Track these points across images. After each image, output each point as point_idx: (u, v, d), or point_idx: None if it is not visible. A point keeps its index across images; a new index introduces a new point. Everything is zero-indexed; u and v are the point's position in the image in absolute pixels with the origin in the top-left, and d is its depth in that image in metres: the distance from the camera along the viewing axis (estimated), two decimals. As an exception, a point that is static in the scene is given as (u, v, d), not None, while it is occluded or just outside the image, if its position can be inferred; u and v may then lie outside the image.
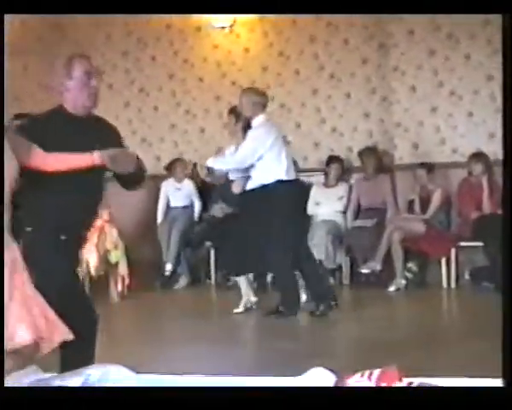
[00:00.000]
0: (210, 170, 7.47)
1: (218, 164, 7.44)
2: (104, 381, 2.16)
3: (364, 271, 8.85)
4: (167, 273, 9.42)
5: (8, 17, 3.49)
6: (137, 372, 2.21)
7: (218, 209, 9.07)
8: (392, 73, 9.60)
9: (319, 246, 8.92)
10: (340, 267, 9.17)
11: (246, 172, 7.36)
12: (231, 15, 9.93)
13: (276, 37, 10.07)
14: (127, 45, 10.53)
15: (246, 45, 10.19)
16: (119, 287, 8.50)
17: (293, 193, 7.36)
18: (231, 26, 10.13)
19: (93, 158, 3.91)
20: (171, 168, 9.98)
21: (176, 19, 10.18)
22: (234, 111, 7.80)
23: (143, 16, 9.92)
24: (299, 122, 10.01)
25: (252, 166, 7.25)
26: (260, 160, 7.21)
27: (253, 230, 7.20)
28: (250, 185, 7.33)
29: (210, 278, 9.51)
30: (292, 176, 7.34)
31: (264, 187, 7.21)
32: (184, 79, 10.38)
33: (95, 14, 3.83)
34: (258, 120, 7.37)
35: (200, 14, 9.94)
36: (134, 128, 10.54)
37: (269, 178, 7.20)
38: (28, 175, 3.68)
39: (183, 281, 9.50)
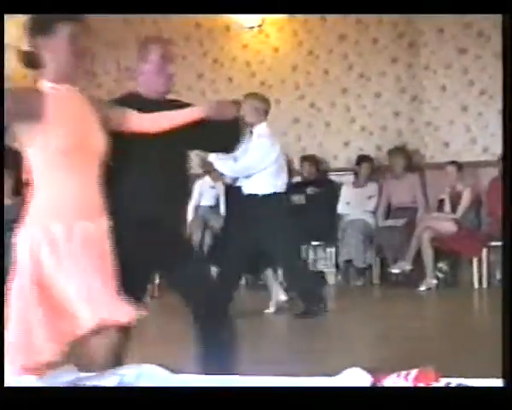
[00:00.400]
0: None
1: (219, 165, 7.36)
2: (140, 381, 2.17)
3: (395, 271, 8.82)
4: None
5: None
6: (173, 372, 2.22)
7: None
8: (423, 72, 9.56)
9: (349, 245, 8.92)
10: (370, 267, 9.15)
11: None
12: (260, 15, 9.94)
13: (306, 36, 10.06)
14: (157, 45, 10.54)
15: (275, 45, 10.19)
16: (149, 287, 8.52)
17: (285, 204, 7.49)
18: (260, 26, 10.13)
19: (197, 112, 3.78)
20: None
21: (205, 19, 10.20)
22: None
23: (173, 16, 9.95)
24: (329, 121, 10.00)
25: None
26: (262, 170, 7.15)
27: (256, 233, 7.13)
28: (248, 190, 7.22)
29: (240, 278, 9.49)
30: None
31: (262, 196, 7.15)
32: (214, 79, 10.40)
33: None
34: (261, 129, 7.26)
35: (229, 14, 9.97)
36: (164, 128, 10.55)
37: (267, 190, 7.13)
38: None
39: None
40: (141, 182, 3.76)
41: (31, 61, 3.31)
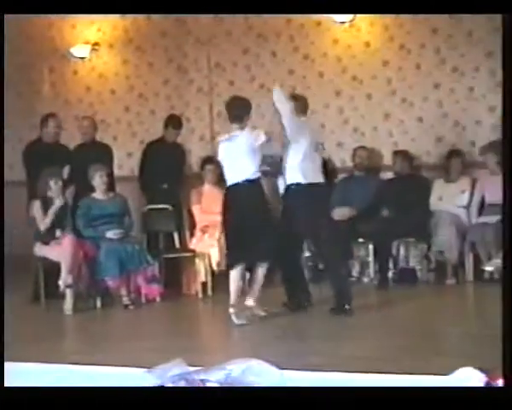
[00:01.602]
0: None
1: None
2: (246, 376, 2.19)
3: (488, 268, 8.67)
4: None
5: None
6: (280, 368, 2.23)
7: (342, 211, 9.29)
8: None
9: (442, 240, 8.82)
10: (462, 264, 9.01)
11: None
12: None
13: (397, 30, 9.96)
14: (247, 41, 10.61)
15: (366, 39, 10.12)
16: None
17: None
18: (351, 21, 10.07)
19: None
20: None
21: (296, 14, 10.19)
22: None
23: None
24: (421, 117, 9.89)
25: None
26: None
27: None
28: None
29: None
30: None
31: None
32: (304, 75, 10.39)
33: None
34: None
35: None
36: (254, 124, 10.58)
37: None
38: None
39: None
40: None
41: None
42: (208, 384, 2.23)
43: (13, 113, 11.67)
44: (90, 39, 11.19)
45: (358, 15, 9.98)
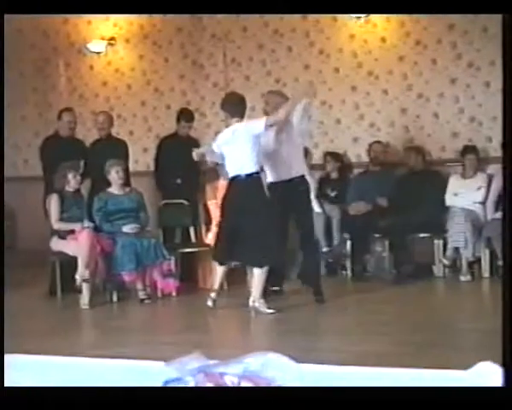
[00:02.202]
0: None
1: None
2: (265, 369, 2.20)
3: (504, 264, 8.64)
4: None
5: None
6: (299, 362, 2.25)
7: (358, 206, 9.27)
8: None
9: (458, 235, 8.81)
10: (479, 260, 8.99)
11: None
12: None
13: (413, 26, 9.94)
14: (263, 37, 10.62)
15: (382, 35, 10.10)
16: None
17: None
18: (367, 16, 10.06)
19: None
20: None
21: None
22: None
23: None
24: (437, 112, 9.87)
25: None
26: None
27: None
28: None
29: (346, 270, 9.47)
30: None
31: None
32: (320, 70, 10.39)
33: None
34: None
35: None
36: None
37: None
38: None
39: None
40: None
41: None
42: (226, 378, 2.24)
43: (29, 108, 11.75)
44: (105, 34, 11.22)
45: (374, 10, 9.97)
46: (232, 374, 2.23)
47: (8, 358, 4.33)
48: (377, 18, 10.02)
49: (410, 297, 8.19)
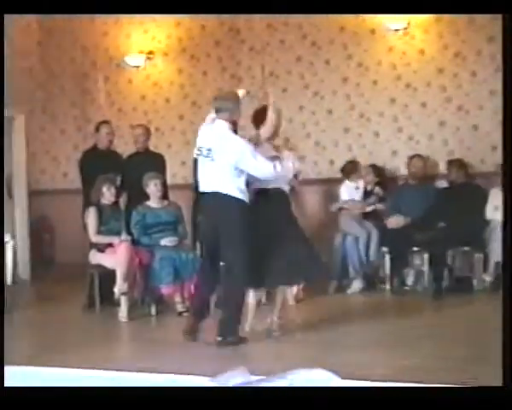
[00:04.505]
0: None
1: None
2: (309, 385, 2.17)
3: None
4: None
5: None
6: (342, 377, 2.22)
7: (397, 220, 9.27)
8: None
9: (498, 249, 8.70)
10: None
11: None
12: (406, 17, 9.85)
13: (452, 38, 9.90)
14: (301, 49, 10.61)
15: (421, 47, 10.06)
16: (295, 289, 8.56)
17: None
18: (406, 28, 10.02)
19: None
20: (347, 170, 9.89)
21: (350, 21, 10.18)
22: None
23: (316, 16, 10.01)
24: (477, 124, 9.80)
25: None
26: None
27: None
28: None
29: (384, 283, 9.40)
30: None
31: None
32: (358, 83, 10.35)
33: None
34: None
35: (374, 16, 9.92)
36: (308, 131, 10.61)
37: None
38: None
39: (356, 285, 9.45)
40: None
41: None
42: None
43: (68, 122, 11.84)
44: (144, 48, 11.28)
45: (413, 23, 9.92)
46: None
47: (47, 371, 4.34)
48: (416, 30, 9.98)
49: (449, 311, 8.10)
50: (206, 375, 3.39)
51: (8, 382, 3.75)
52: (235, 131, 7.14)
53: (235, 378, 2.19)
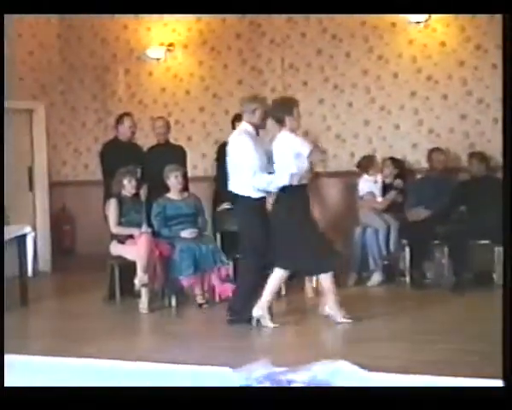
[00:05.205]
0: None
1: None
2: (334, 378, 2.18)
3: None
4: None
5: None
6: (368, 370, 2.22)
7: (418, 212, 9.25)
8: None
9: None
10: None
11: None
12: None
13: (473, 31, 9.84)
14: (321, 43, 10.58)
15: (442, 39, 10.01)
16: (314, 283, 8.57)
17: None
18: (427, 21, 9.98)
19: None
20: (364, 165, 9.89)
21: (371, 15, 10.14)
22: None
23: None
24: (497, 118, 9.74)
25: None
26: None
27: None
28: None
29: (404, 276, 9.39)
30: None
31: None
32: (379, 75, 10.32)
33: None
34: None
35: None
36: (328, 124, 10.59)
37: None
38: None
39: (376, 278, 9.44)
40: None
41: None
42: (293, 385, 2.23)
43: (89, 114, 11.88)
44: (164, 41, 11.29)
45: (433, 15, 9.88)
46: (300, 381, 2.22)
47: (69, 360, 4.37)
48: (437, 23, 9.93)
49: (469, 305, 8.08)
50: (227, 366, 3.40)
51: (28, 372, 3.78)
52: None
53: (258, 370, 2.20)
